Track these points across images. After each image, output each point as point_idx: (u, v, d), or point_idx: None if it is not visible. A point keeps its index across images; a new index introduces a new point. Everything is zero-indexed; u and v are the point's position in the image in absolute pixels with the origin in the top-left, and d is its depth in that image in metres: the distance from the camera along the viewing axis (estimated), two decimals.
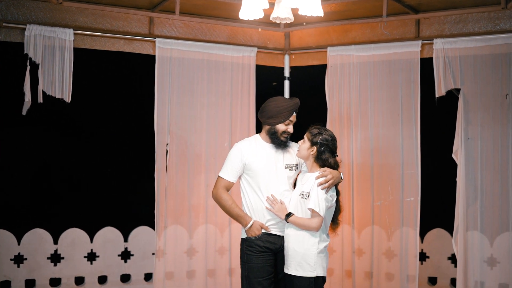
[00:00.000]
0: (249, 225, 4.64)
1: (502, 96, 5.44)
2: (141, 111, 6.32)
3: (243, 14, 4.61)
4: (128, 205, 6.83)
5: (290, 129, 4.72)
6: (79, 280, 6.48)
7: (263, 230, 4.65)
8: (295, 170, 4.76)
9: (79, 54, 5.58)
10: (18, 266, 6.23)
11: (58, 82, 5.44)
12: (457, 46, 5.58)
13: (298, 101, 4.72)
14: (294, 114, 4.72)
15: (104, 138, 6.80)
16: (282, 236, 4.63)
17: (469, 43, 5.54)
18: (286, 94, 6.36)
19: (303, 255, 4.43)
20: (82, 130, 6.76)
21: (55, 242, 6.41)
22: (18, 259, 6.24)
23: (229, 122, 6.12)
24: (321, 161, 4.51)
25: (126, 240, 6.64)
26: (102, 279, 6.55)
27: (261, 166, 4.68)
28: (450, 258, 6.52)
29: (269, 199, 4.63)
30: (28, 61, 5.34)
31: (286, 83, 6.41)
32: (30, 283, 6.27)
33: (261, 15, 4.58)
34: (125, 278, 6.63)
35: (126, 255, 6.62)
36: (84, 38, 5.64)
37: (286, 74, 6.41)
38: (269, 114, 4.69)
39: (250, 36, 6.29)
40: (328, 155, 4.50)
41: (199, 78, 6.02)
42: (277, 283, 4.69)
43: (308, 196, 4.42)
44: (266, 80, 6.38)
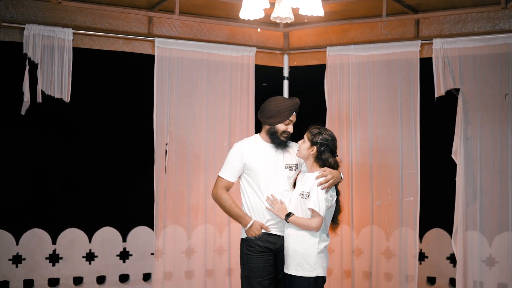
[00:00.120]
0: (249, 225, 4.64)
1: (502, 96, 5.45)
2: (140, 111, 6.31)
3: (244, 14, 4.60)
4: (126, 205, 6.80)
5: (290, 129, 4.73)
6: (78, 280, 6.46)
7: (263, 230, 4.65)
8: (295, 170, 4.76)
9: (78, 53, 5.57)
10: (17, 266, 6.20)
11: (57, 81, 5.43)
12: (456, 46, 5.58)
13: (298, 100, 4.72)
14: (294, 114, 4.72)
15: (103, 138, 6.78)
16: (282, 236, 4.63)
17: (468, 43, 5.54)
18: (285, 94, 6.35)
19: (303, 255, 4.43)
20: (81, 130, 6.74)
21: (54, 242, 6.39)
22: (17, 259, 6.21)
23: (228, 122, 6.11)
24: (321, 161, 4.51)
25: (125, 240, 6.63)
26: (101, 279, 6.53)
27: (261, 166, 4.68)
28: (449, 258, 6.51)
29: (269, 199, 4.63)
30: (27, 60, 5.33)
31: (285, 83, 6.40)
32: (29, 283, 6.25)
33: (261, 15, 4.57)
34: (123, 278, 6.62)
35: (124, 255, 6.61)
36: (83, 37, 5.63)
37: (285, 74, 6.41)
38: (269, 114, 4.69)
39: (249, 36, 6.29)
40: (328, 155, 4.51)
41: (198, 78, 6.01)
42: (277, 283, 4.69)
43: (308, 196, 4.42)
44: (265, 80, 6.37)
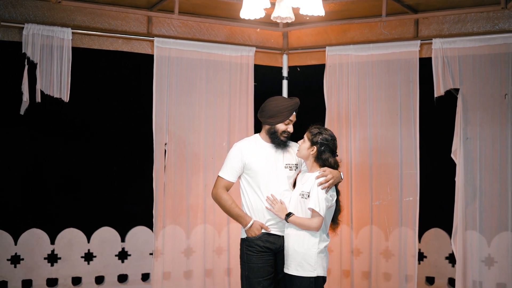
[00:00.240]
0: (249, 225, 4.63)
1: (501, 96, 5.44)
2: (139, 111, 6.30)
3: (244, 14, 4.59)
4: (125, 205, 6.79)
5: (290, 128, 4.72)
6: (76, 280, 6.45)
7: (263, 230, 4.65)
8: (295, 170, 4.76)
9: (77, 53, 5.56)
10: (15, 267, 6.19)
11: (56, 81, 5.41)
12: (456, 46, 5.58)
13: (298, 100, 4.72)
14: (294, 113, 4.72)
15: (102, 138, 6.77)
16: (282, 236, 4.63)
17: (468, 43, 5.54)
18: (284, 94, 6.34)
19: (304, 255, 4.43)
20: (80, 130, 6.73)
21: (52, 242, 6.37)
22: (15, 259, 6.20)
23: (227, 122, 6.11)
24: (321, 160, 4.51)
25: (123, 240, 6.61)
26: (99, 279, 6.52)
27: (261, 166, 4.67)
28: (447, 258, 6.51)
29: (269, 199, 4.63)
30: (26, 60, 5.31)
31: (284, 83, 6.39)
32: (27, 284, 6.23)
33: (262, 15, 4.57)
34: (122, 278, 6.60)
35: (123, 255, 6.60)
36: (82, 37, 5.62)
37: (284, 73, 6.40)
38: (269, 114, 4.68)
39: (249, 35, 6.28)
40: (328, 155, 4.50)
41: (198, 77, 6.00)
42: (277, 283, 4.69)
43: (308, 196, 4.42)
44: (265, 79, 6.36)
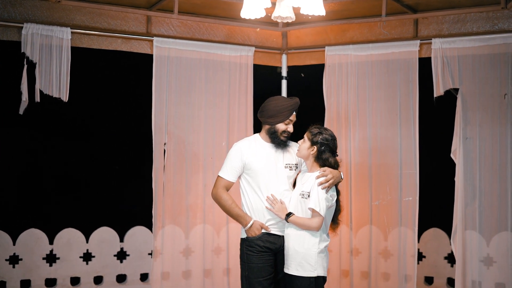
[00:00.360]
0: (249, 225, 4.63)
1: (501, 96, 5.45)
2: (138, 111, 6.28)
3: (245, 13, 4.59)
4: (124, 205, 6.77)
5: (290, 128, 4.72)
6: (75, 280, 6.43)
7: (263, 230, 4.64)
8: (295, 169, 4.76)
9: (77, 53, 5.55)
10: (14, 267, 6.16)
11: (55, 81, 5.41)
12: (455, 46, 5.58)
13: (298, 100, 4.72)
14: (294, 113, 4.72)
15: (101, 138, 6.74)
16: (282, 236, 4.62)
17: (467, 43, 5.55)
18: (284, 94, 6.34)
19: (304, 255, 4.42)
20: (79, 130, 6.70)
21: (51, 242, 6.35)
22: (13, 260, 6.18)
23: (226, 122, 6.10)
24: (321, 160, 4.51)
25: (122, 240, 6.60)
26: (98, 280, 6.50)
27: (261, 165, 4.67)
28: (446, 258, 6.51)
29: (269, 199, 4.62)
30: (25, 60, 5.31)
31: (284, 83, 6.39)
32: (26, 284, 6.21)
33: (262, 14, 4.57)
34: (121, 279, 6.59)
35: (122, 255, 6.58)
36: (81, 37, 5.61)
37: (284, 73, 6.40)
38: (269, 114, 4.68)
39: (248, 35, 6.28)
40: (328, 155, 4.50)
41: (197, 77, 6.00)
42: (277, 283, 4.69)
43: (308, 195, 4.42)
44: (264, 79, 6.36)
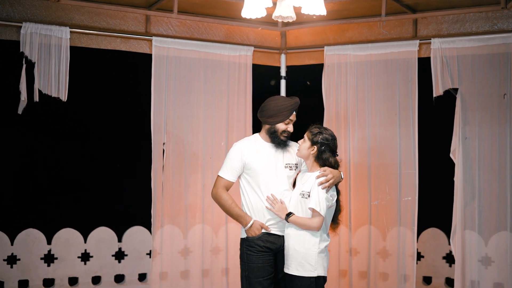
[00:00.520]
0: (249, 224, 4.62)
1: (500, 95, 5.45)
2: (137, 110, 6.27)
3: (246, 13, 4.59)
4: (122, 205, 6.76)
5: (290, 128, 4.72)
6: (73, 280, 6.41)
7: (263, 230, 4.64)
8: (295, 169, 4.75)
9: (76, 52, 5.54)
10: (11, 267, 6.14)
11: (54, 80, 5.40)
12: (455, 46, 5.59)
13: (298, 100, 4.71)
14: (294, 113, 4.72)
15: (100, 138, 6.73)
16: (282, 235, 4.62)
17: (467, 43, 5.55)
18: (283, 94, 6.34)
19: (304, 255, 4.42)
20: (78, 130, 6.68)
21: (49, 242, 6.33)
22: (11, 260, 6.16)
23: (225, 122, 6.10)
24: (321, 160, 4.50)
25: (120, 240, 6.59)
26: (96, 280, 6.49)
27: (261, 165, 4.66)
28: (445, 258, 6.52)
29: (269, 199, 4.62)
30: (24, 59, 5.30)
31: (283, 83, 6.38)
32: (24, 284, 6.19)
33: (263, 14, 4.57)
34: (119, 279, 6.57)
35: (120, 255, 6.57)
36: (80, 36, 5.60)
37: (283, 73, 6.39)
38: (269, 113, 4.67)
39: (247, 35, 6.27)
40: (328, 155, 4.50)
41: (196, 77, 5.99)
42: (277, 283, 4.68)
43: (308, 195, 4.41)
44: (263, 79, 6.35)
